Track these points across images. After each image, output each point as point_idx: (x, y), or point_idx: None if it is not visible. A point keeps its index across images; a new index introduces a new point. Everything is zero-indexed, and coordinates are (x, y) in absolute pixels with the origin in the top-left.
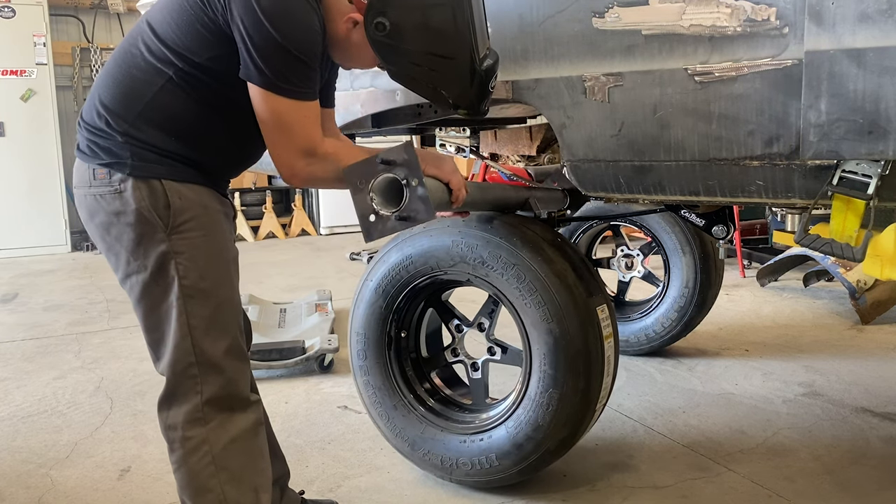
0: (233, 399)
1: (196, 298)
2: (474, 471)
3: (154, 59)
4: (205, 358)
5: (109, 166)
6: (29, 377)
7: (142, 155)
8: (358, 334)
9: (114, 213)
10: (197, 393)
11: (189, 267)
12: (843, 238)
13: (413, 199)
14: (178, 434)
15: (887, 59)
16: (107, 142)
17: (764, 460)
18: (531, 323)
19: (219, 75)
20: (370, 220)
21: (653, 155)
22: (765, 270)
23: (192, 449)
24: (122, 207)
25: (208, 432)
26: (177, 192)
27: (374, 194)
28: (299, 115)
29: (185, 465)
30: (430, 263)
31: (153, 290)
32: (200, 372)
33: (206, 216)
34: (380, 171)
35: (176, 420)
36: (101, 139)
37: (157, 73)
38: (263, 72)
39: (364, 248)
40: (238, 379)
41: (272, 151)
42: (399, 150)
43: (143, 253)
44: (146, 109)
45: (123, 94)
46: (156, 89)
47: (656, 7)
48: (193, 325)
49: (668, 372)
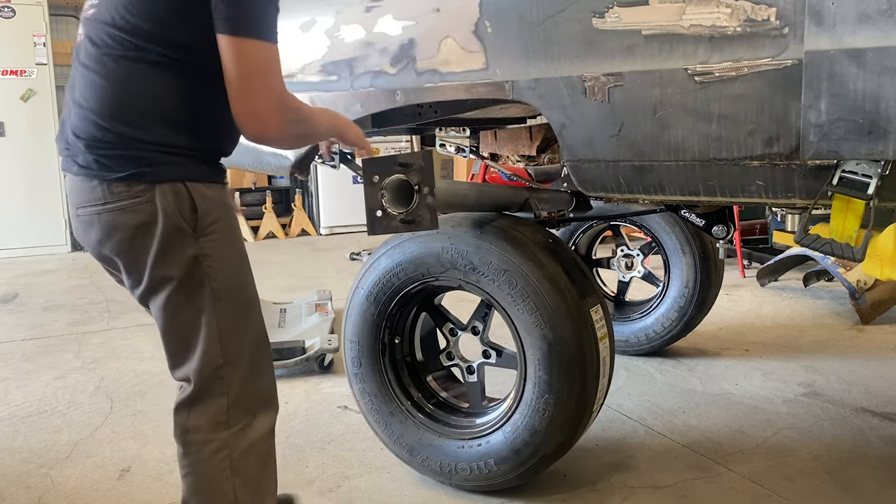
0: (258, 397)
1: (225, 300)
2: (473, 476)
3: (134, 54)
4: (232, 357)
5: (128, 178)
6: (29, 377)
7: (157, 159)
8: (351, 342)
9: (139, 224)
10: (223, 395)
11: (217, 269)
12: (843, 238)
13: (421, 205)
14: (197, 437)
15: (887, 59)
16: (117, 152)
17: (764, 460)
18: (524, 328)
19: (197, 46)
20: (377, 214)
21: (653, 155)
22: (765, 270)
23: (212, 453)
24: (150, 217)
25: (230, 437)
26: (201, 194)
27: (385, 191)
28: (276, 59)
29: (201, 469)
30: (420, 270)
31: (180, 296)
32: (227, 373)
33: (227, 215)
34: (395, 171)
35: (198, 422)
36: (109, 151)
37: (144, 67)
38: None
39: (364, 248)
40: (264, 374)
41: (247, 104)
42: (417, 156)
43: (171, 260)
44: (147, 107)
45: (118, 98)
46: (149, 84)
47: (656, 7)
48: (223, 326)
49: (668, 372)
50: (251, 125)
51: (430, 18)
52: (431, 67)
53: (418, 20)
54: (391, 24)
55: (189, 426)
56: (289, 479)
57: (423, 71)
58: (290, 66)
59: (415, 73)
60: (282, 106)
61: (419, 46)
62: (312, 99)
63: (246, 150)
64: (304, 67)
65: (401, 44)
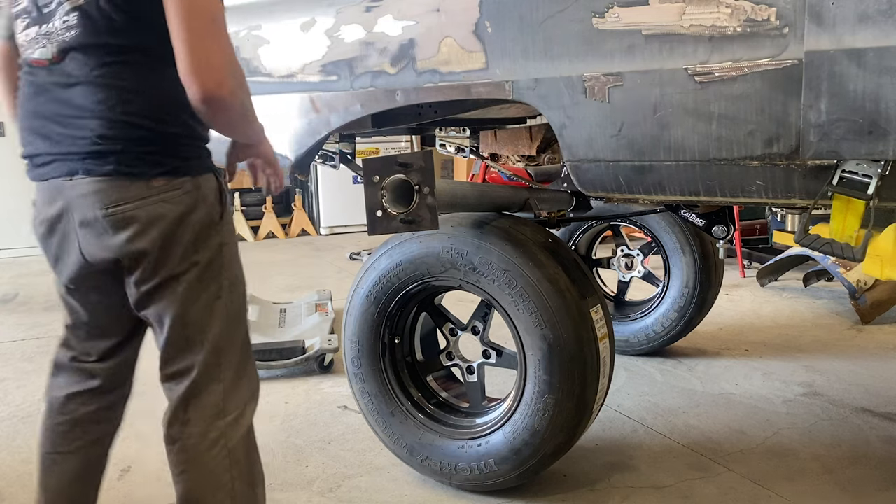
0: (248, 387)
1: (235, 287)
2: (473, 476)
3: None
4: (230, 345)
5: (169, 173)
6: (29, 377)
7: (193, 151)
8: (351, 342)
9: (180, 215)
10: (220, 382)
11: (231, 256)
12: (843, 238)
13: (421, 205)
14: (196, 429)
15: (887, 59)
16: (157, 148)
17: (764, 460)
18: (524, 329)
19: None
20: (377, 214)
21: (653, 155)
22: (765, 270)
23: (211, 444)
24: (189, 207)
25: (226, 426)
26: (223, 183)
27: (385, 191)
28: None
29: (200, 462)
30: (420, 270)
31: (203, 283)
32: (224, 361)
33: (229, 202)
34: (395, 171)
35: (196, 414)
36: (149, 147)
37: (154, 66)
38: None
39: (364, 248)
40: (251, 364)
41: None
42: (418, 156)
43: (200, 248)
44: (172, 102)
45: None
46: (168, 81)
47: (656, 7)
48: (231, 313)
49: (668, 372)
50: (206, 77)
51: (430, 18)
52: (431, 67)
53: (418, 20)
54: (391, 24)
55: (189, 418)
56: (289, 479)
57: (423, 71)
58: (291, 65)
59: (415, 73)
60: (234, 62)
61: (419, 46)
62: (312, 99)
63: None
64: (304, 67)
65: (401, 44)
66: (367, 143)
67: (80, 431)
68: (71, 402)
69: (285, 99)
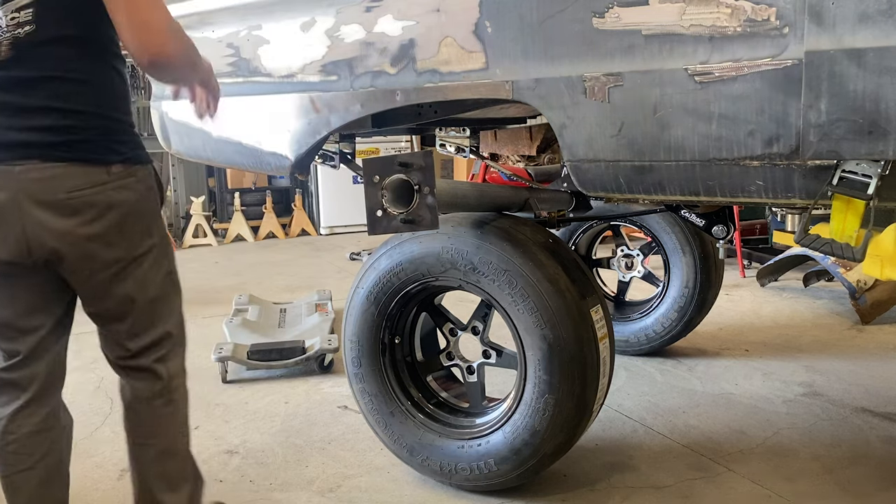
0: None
1: (174, 261)
2: (473, 475)
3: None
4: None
5: (126, 160)
6: None
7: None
8: (351, 342)
9: (136, 201)
10: (183, 345)
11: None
12: (843, 238)
13: (421, 205)
14: (179, 381)
15: (887, 59)
16: (118, 138)
17: (764, 460)
18: (524, 329)
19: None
20: (377, 214)
21: (653, 155)
22: (765, 270)
23: (185, 390)
24: (143, 194)
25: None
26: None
27: (385, 191)
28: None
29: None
30: (420, 270)
31: (162, 261)
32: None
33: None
34: (395, 171)
35: (176, 368)
36: (115, 137)
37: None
38: None
39: (364, 248)
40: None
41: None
42: (419, 156)
43: (151, 229)
44: (120, 95)
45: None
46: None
47: (656, 7)
48: (178, 284)
49: (668, 372)
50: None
51: (430, 18)
52: (431, 67)
53: (418, 20)
54: (391, 24)
55: (172, 373)
56: (289, 479)
57: (423, 71)
58: (291, 65)
59: (415, 73)
60: (173, 22)
61: (419, 46)
62: (312, 99)
63: (246, 151)
64: (304, 67)
65: (401, 44)
66: (367, 143)
67: (33, 446)
68: (13, 422)
69: (285, 99)
